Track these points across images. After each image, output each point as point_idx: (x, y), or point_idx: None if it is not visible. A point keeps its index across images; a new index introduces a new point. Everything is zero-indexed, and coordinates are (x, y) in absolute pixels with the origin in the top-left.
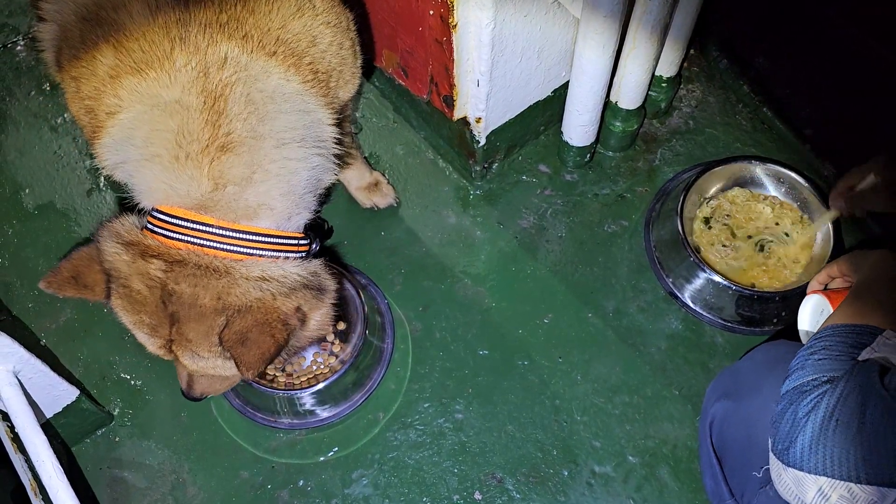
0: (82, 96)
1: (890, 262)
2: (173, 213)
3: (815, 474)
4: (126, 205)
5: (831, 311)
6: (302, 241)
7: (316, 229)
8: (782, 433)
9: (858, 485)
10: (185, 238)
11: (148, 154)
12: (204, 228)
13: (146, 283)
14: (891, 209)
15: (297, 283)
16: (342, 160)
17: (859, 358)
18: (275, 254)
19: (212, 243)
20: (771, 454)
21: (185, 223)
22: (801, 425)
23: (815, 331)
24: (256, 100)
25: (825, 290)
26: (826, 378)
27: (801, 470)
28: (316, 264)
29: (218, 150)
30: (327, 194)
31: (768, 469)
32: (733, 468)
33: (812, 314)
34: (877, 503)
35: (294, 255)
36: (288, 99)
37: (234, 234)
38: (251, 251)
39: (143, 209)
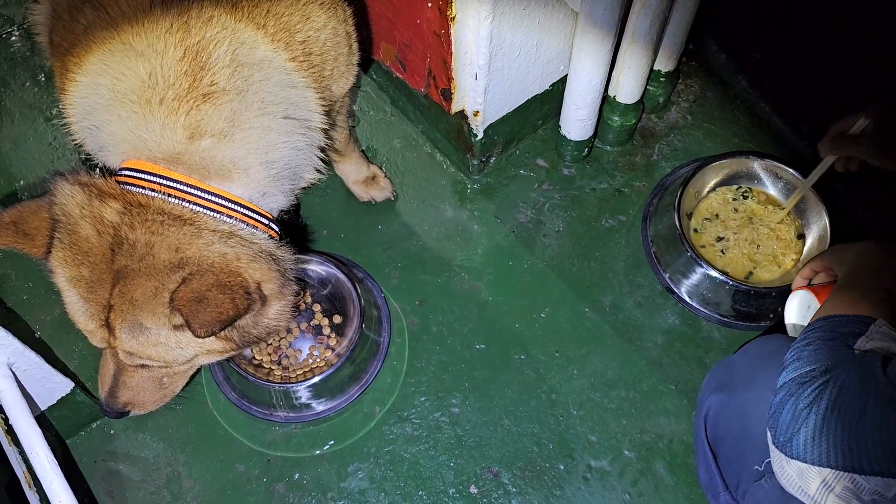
0: (61, 56)
1: (875, 253)
2: (139, 168)
3: (819, 466)
4: None
5: (817, 305)
6: (273, 224)
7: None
8: (783, 425)
9: (863, 476)
10: (149, 193)
11: (114, 98)
12: (171, 184)
13: (97, 228)
14: (875, 159)
15: (264, 252)
16: (327, 155)
17: (855, 347)
18: (244, 225)
19: (178, 201)
20: (772, 446)
21: (150, 177)
22: (803, 417)
23: (804, 324)
24: (242, 62)
25: (810, 286)
26: (823, 367)
27: (805, 462)
28: (287, 251)
29: (198, 98)
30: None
31: (769, 462)
32: (728, 460)
33: (799, 309)
34: (881, 493)
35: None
36: (276, 71)
37: (204, 195)
38: (219, 215)
39: (109, 170)
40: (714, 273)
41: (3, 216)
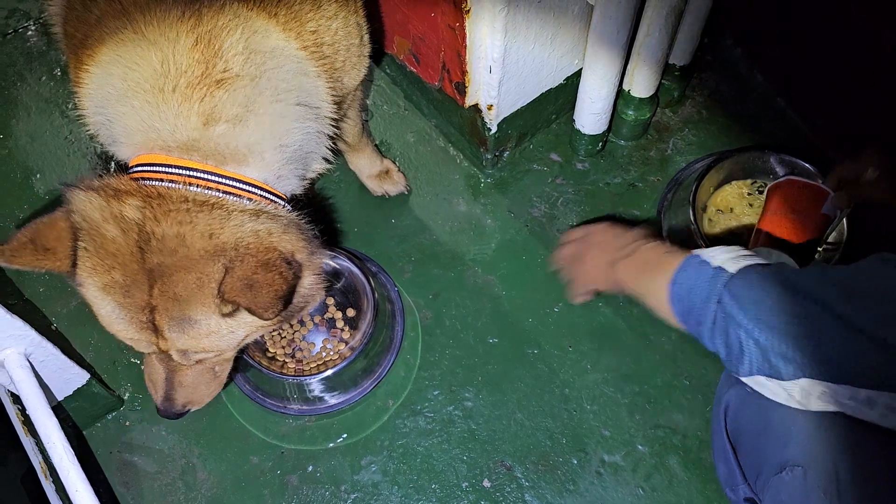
0: (75, 48)
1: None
2: (153, 161)
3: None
4: None
5: None
6: (289, 205)
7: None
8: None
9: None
10: (168, 185)
11: (127, 88)
12: (189, 173)
13: (121, 227)
14: (892, 199)
15: (292, 223)
16: (336, 146)
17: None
18: (265, 203)
19: (198, 189)
20: (765, 379)
21: (166, 169)
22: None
23: None
24: (255, 49)
25: None
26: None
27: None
28: (307, 222)
29: (212, 84)
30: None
31: (789, 452)
32: (747, 454)
33: None
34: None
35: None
36: (288, 60)
37: (223, 180)
38: (240, 199)
39: (123, 167)
40: None
41: (18, 235)
